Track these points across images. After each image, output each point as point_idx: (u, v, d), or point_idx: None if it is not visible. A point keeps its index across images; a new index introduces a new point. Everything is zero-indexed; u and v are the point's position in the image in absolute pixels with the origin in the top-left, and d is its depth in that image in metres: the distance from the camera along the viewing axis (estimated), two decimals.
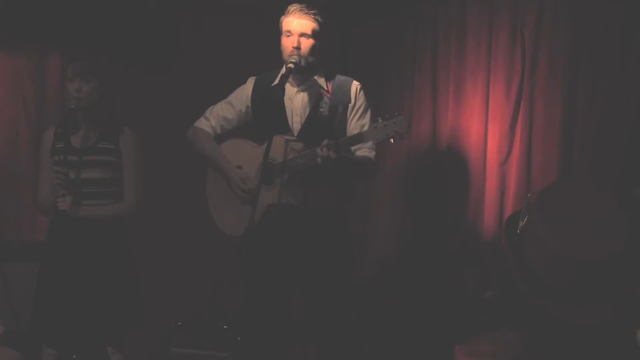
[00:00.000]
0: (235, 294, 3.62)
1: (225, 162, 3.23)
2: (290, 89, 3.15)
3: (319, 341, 3.20)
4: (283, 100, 3.12)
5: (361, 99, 3.14)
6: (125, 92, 4.03)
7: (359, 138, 2.90)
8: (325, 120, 3.09)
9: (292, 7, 3.08)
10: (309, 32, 3.05)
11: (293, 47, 3.04)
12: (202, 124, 3.32)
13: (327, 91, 3.13)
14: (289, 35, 3.06)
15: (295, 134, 3.11)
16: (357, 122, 3.12)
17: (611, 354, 2.08)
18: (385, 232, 4.05)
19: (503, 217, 3.57)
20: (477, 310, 3.30)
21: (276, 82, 3.14)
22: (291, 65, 3.00)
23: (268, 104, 3.12)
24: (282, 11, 3.15)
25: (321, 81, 3.14)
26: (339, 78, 3.18)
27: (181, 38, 4.37)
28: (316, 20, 3.06)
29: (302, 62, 3.04)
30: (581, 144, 3.34)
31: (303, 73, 3.11)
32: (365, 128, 3.02)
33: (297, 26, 3.05)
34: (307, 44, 3.05)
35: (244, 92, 3.25)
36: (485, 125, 3.67)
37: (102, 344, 3.09)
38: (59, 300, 3.00)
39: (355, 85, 3.15)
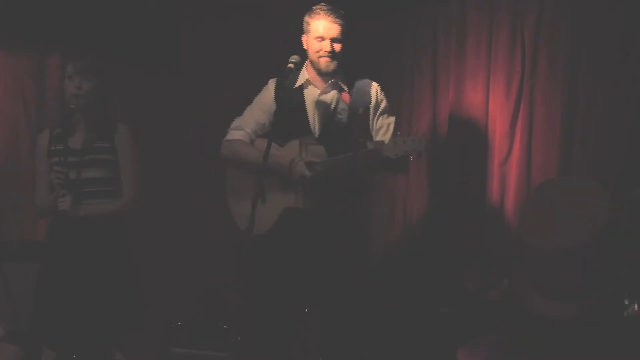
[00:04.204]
0: (236, 294, 3.63)
1: (277, 156, 3.13)
2: (313, 91, 3.19)
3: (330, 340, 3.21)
4: (304, 103, 3.16)
5: (383, 99, 3.21)
6: (125, 92, 4.03)
7: (378, 152, 2.89)
8: (345, 124, 3.13)
9: (321, 9, 3.12)
10: (340, 36, 3.11)
11: (327, 52, 3.10)
12: (236, 135, 3.28)
13: (348, 93, 3.18)
14: (321, 40, 3.11)
15: (316, 137, 3.14)
16: (382, 120, 3.19)
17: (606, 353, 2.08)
18: (386, 233, 4.05)
19: (503, 217, 3.57)
20: (477, 310, 3.30)
21: (298, 84, 3.19)
22: (291, 65, 3.01)
23: (291, 106, 3.16)
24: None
25: (342, 84, 3.19)
26: (358, 80, 3.22)
27: (181, 38, 4.37)
28: (343, 23, 3.12)
29: (331, 67, 3.11)
30: (581, 144, 3.34)
31: (329, 76, 3.16)
32: (392, 127, 3.14)
33: (329, 30, 3.10)
34: (338, 47, 3.12)
35: (269, 96, 3.25)
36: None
37: (102, 344, 3.09)
38: (58, 300, 3.00)
39: (375, 86, 3.22)
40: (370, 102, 3.17)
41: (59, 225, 3.05)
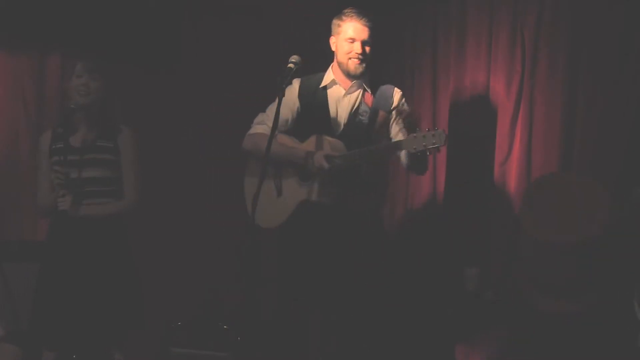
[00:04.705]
0: (236, 294, 3.62)
1: (297, 149, 3.20)
2: (338, 91, 3.24)
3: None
4: (328, 102, 3.22)
5: (404, 104, 3.23)
6: (125, 92, 4.03)
7: (397, 146, 2.96)
8: (366, 124, 3.18)
9: (353, 12, 3.17)
10: (370, 39, 3.17)
11: (357, 53, 3.14)
12: (259, 129, 3.31)
13: (372, 94, 3.22)
14: (351, 42, 3.15)
15: (337, 135, 3.18)
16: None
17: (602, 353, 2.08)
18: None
19: (503, 217, 3.57)
20: (477, 310, 3.31)
21: (323, 84, 3.24)
22: (291, 65, 3.02)
23: (314, 105, 3.23)
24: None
25: (366, 86, 3.24)
26: (382, 85, 3.27)
27: (181, 38, 4.37)
28: (373, 27, 3.17)
29: (360, 70, 3.15)
30: (581, 144, 3.34)
31: (356, 78, 3.21)
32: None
33: (361, 33, 3.15)
34: (368, 50, 3.17)
35: (292, 93, 3.28)
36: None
37: (101, 344, 3.08)
38: (58, 300, 3.00)
39: (397, 92, 3.25)
40: (391, 106, 3.21)
41: (60, 225, 3.05)
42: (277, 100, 3.28)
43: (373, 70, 3.25)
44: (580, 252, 2.07)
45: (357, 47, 3.15)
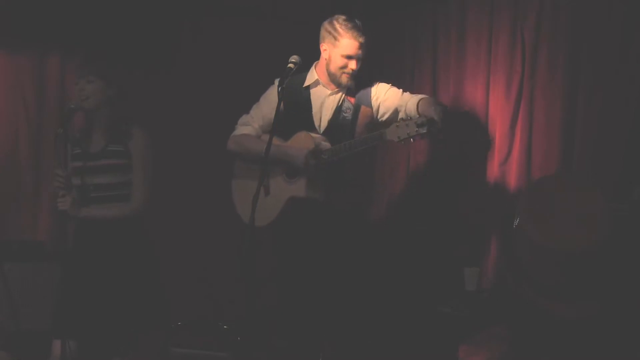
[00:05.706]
0: (236, 293, 3.63)
1: (284, 146, 3.23)
2: (323, 91, 3.28)
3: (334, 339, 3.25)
4: (311, 101, 3.26)
5: (381, 85, 3.27)
6: (124, 92, 4.02)
7: (381, 135, 2.97)
8: (350, 121, 3.22)
9: (351, 27, 3.17)
10: (363, 54, 3.19)
11: (352, 69, 3.18)
12: (244, 130, 3.36)
13: (354, 93, 3.26)
14: (349, 58, 3.17)
15: (321, 134, 3.23)
16: (388, 100, 3.23)
17: (595, 350, 2.08)
18: (384, 233, 4.05)
19: (503, 217, 3.57)
20: (478, 309, 3.31)
21: (306, 83, 3.29)
22: (291, 65, 3.04)
23: (297, 104, 3.26)
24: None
25: (351, 85, 3.28)
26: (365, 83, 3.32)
27: (181, 38, 4.37)
28: (366, 42, 3.19)
29: (350, 82, 3.20)
30: (581, 144, 3.34)
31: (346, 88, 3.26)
32: (398, 96, 3.21)
33: (357, 50, 3.17)
34: (360, 64, 3.20)
35: (275, 93, 3.27)
36: (485, 126, 3.67)
37: (111, 345, 3.05)
38: (71, 296, 2.98)
39: (375, 85, 3.29)
40: (371, 98, 3.25)
41: (81, 227, 3.05)
42: (265, 101, 3.32)
43: (371, 70, 3.27)
44: (580, 256, 2.07)
45: (353, 65, 3.19)
